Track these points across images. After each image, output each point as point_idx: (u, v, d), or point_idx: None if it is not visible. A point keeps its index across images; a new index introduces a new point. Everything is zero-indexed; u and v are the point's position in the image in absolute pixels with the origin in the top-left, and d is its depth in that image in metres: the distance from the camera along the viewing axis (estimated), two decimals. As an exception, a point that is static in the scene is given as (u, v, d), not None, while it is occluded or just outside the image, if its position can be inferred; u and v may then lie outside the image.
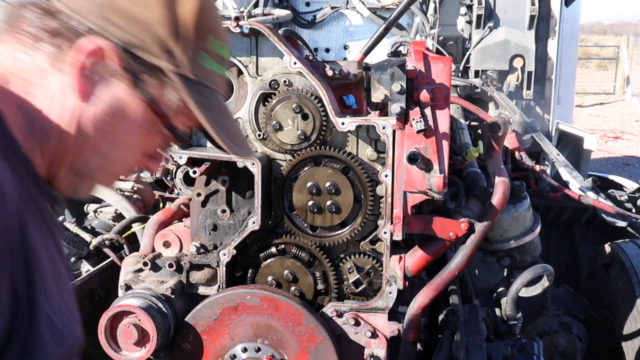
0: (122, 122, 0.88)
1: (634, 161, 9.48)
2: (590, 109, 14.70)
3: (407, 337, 1.73)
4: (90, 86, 0.85)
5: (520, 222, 2.05)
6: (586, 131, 3.56)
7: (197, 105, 0.88)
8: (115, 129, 0.88)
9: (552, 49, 3.38)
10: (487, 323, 2.03)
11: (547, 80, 3.40)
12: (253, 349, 1.74)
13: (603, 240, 2.93)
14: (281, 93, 1.70)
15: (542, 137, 3.04)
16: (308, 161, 1.72)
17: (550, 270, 1.99)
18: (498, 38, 3.22)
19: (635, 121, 12.92)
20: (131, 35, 0.84)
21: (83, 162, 0.89)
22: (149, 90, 0.87)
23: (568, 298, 2.73)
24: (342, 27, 3.51)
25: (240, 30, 1.65)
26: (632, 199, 3.14)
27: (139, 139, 0.91)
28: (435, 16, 3.20)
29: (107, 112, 0.86)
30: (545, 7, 3.35)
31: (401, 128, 1.64)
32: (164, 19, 0.86)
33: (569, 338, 2.49)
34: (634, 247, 2.66)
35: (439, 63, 1.64)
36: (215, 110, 0.92)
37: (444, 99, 1.63)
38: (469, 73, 3.28)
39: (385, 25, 2.04)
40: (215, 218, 1.80)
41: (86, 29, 0.83)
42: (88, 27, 0.83)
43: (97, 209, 2.51)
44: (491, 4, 3.30)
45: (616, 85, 17.25)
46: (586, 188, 2.90)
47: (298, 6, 3.48)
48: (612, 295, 2.64)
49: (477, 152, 2.00)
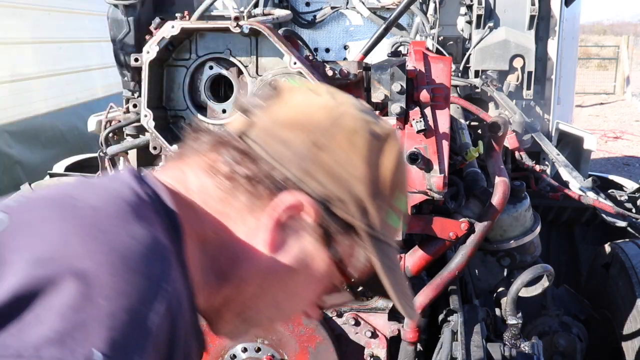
0: (304, 277, 0.84)
1: (634, 161, 9.48)
2: (590, 109, 14.70)
3: (407, 337, 1.73)
4: (281, 239, 0.81)
5: (520, 222, 2.05)
6: (586, 131, 3.56)
7: (383, 267, 0.83)
8: (296, 283, 0.84)
9: (552, 49, 3.38)
10: (487, 323, 2.03)
11: (547, 80, 3.40)
12: (253, 349, 1.74)
13: (603, 240, 2.93)
14: (281, 93, 1.70)
15: (542, 137, 3.04)
16: (308, 161, 1.72)
17: (550, 270, 1.99)
18: (498, 38, 3.22)
19: (635, 121, 12.92)
20: (331, 192, 0.80)
21: (255, 311, 0.85)
22: (339, 248, 0.82)
23: (568, 298, 2.72)
24: (342, 27, 3.50)
25: (240, 30, 1.65)
26: (632, 199, 3.14)
27: (314, 292, 0.88)
28: (435, 16, 3.20)
29: (293, 267, 0.82)
30: (545, 7, 3.35)
31: (401, 128, 1.64)
32: (365, 176, 0.81)
33: (569, 338, 2.48)
34: (634, 247, 2.66)
35: (439, 63, 1.64)
36: (396, 271, 0.87)
37: (444, 99, 1.63)
38: (469, 73, 3.28)
39: (385, 25, 2.04)
40: (215, 218, 1.80)
41: (286, 180, 0.79)
42: (288, 179, 0.79)
43: (97, 209, 2.50)
44: (491, 4, 3.30)
45: (616, 85, 17.24)
46: (586, 188, 2.90)
47: (298, 6, 3.48)
48: (612, 295, 2.64)
49: (477, 152, 2.00)
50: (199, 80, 1.78)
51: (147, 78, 1.71)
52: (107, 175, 0.84)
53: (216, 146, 0.82)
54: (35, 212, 0.69)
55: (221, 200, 0.80)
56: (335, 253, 0.82)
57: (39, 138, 5.58)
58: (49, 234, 0.65)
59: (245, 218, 0.80)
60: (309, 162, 0.79)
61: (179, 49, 1.77)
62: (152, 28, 1.90)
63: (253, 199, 0.79)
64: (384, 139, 0.84)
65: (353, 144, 0.81)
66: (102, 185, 0.76)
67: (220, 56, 1.76)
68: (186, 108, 1.79)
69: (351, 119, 0.83)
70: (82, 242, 0.64)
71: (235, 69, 1.75)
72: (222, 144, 0.81)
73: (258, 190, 0.79)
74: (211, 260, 0.80)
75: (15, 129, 5.28)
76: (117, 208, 0.69)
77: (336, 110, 0.83)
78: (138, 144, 2.34)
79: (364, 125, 0.83)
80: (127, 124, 2.39)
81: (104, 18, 2.33)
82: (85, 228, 0.65)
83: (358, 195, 0.81)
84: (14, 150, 5.22)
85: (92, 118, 3.40)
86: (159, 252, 0.67)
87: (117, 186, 0.74)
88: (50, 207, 0.69)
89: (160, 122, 1.75)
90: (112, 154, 2.40)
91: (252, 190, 0.79)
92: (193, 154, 0.84)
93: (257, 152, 0.80)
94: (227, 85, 1.81)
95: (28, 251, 0.63)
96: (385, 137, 0.84)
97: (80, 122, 5.45)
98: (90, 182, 0.78)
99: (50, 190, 0.76)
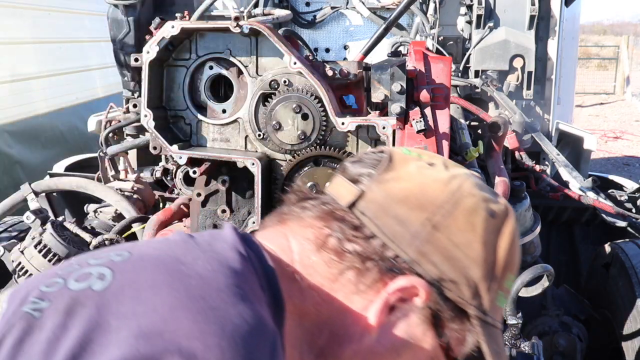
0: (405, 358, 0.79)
1: (634, 161, 9.47)
2: (590, 109, 14.70)
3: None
4: (389, 322, 0.76)
5: (520, 222, 2.05)
6: (586, 131, 3.56)
7: (492, 354, 0.79)
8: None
9: (552, 49, 3.38)
10: (487, 323, 2.03)
11: (547, 80, 3.40)
12: None
13: (603, 240, 2.93)
14: (281, 93, 1.70)
15: (542, 137, 3.04)
16: (308, 161, 1.72)
17: (550, 270, 1.99)
18: (498, 38, 3.22)
19: (635, 121, 12.91)
20: (445, 274, 0.75)
21: None
22: (447, 332, 0.78)
23: (568, 298, 2.72)
24: (342, 27, 3.50)
25: (240, 30, 1.65)
26: (632, 199, 3.14)
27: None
28: (435, 16, 3.19)
29: (396, 349, 0.77)
30: (545, 7, 3.34)
31: (401, 128, 1.64)
32: (481, 258, 0.77)
33: (569, 338, 2.48)
34: (634, 247, 2.66)
35: (439, 63, 1.64)
36: (502, 356, 0.82)
37: (444, 99, 1.63)
38: (469, 73, 3.28)
39: (385, 25, 2.04)
40: (215, 218, 1.80)
41: (400, 261, 0.75)
42: (402, 259, 0.75)
43: (97, 209, 2.51)
44: (491, 4, 3.30)
45: (616, 85, 17.24)
46: (586, 188, 2.90)
47: (298, 6, 3.48)
48: (612, 295, 2.64)
49: (477, 152, 2.00)
50: (199, 80, 1.78)
51: (147, 78, 1.71)
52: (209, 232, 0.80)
53: (325, 217, 0.78)
54: (142, 274, 0.64)
55: (326, 275, 0.76)
56: (443, 337, 0.78)
57: (39, 138, 5.58)
58: (156, 303, 0.60)
59: (350, 297, 0.76)
60: (424, 243, 0.75)
61: (179, 49, 1.77)
62: (152, 28, 1.90)
63: (361, 277, 0.75)
64: (501, 218, 0.80)
65: (471, 225, 0.77)
66: (208, 246, 0.70)
67: (220, 56, 1.76)
68: (186, 108, 1.79)
69: (469, 196, 0.78)
70: (191, 318, 0.59)
71: (235, 69, 1.76)
72: (331, 216, 0.77)
73: (368, 268, 0.75)
74: (309, 336, 0.76)
75: (15, 129, 5.27)
76: (225, 280, 0.64)
77: (453, 185, 0.79)
78: (138, 144, 2.35)
79: (482, 204, 0.79)
80: (127, 124, 2.39)
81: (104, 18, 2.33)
82: (194, 301, 0.60)
83: (472, 278, 0.76)
84: (14, 150, 5.22)
85: (92, 118, 3.40)
86: (267, 338, 0.63)
87: (223, 249, 0.70)
88: (157, 271, 0.64)
89: (160, 122, 1.75)
90: (112, 154, 2.40)
91: (362, 268, 0.75)
92: (297, 220, 0.80)
93: (370, 230, 0.75)
94: (227, 85, 1.81)
95: (134, 321, 0.58)
96: (502, 215, 0.80)
97: (80, 122, 5.45)
98: (194, 240, 0.72)
99: (156, 247, 0.71)
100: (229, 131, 1.78)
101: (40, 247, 1.95)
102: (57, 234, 1.97)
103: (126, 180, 2.49)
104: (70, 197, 2.93)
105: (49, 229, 1.99)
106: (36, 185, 2.31)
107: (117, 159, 2.62)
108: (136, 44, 2.18)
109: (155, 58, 1.70)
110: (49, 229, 1.99)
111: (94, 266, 0.65)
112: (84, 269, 0.65)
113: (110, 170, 2.50)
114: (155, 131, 1.71)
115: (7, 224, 2.76)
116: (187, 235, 0.73)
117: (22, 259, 1.97)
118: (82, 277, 0.63)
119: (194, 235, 0.73)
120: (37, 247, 1.96)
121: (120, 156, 2.57)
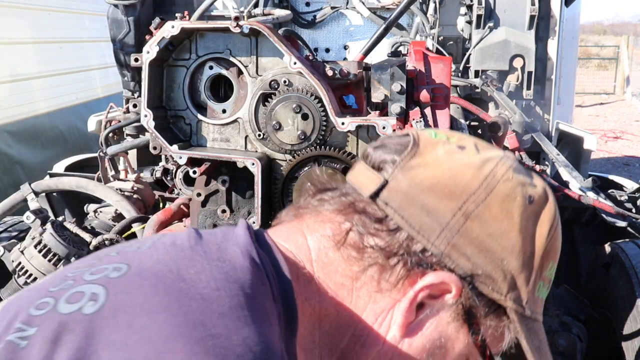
0: (436, 359, 0.72)
1: (634, 161, 9.47)
2: (590, 109, 14.70)
3: (407, 337, 1.73)
4: (417, 321, 0.70)
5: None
6: (586, 131, 3.56)
7: (531, 349, 0.72)
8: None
9: (552, 49, 3.38)
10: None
11: (547, 80, 3.40)
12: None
13: (603, 240, 2.93)
14: (281, 93, 1.70)
15: (542, 137, 3.04)
16: (308, 161, 1.72)
17: (550, 270, 1.99)
18: (498, 38, 3.22)
19: (635, 121, 12.91)
20: (479, 268, 0.68)
21: None
22: (482, 329, 0.71)
23: (568, 298, 2.73)
24: (342, 27, 3.50)
25: (240, 30, 1.65)
26: (632, 199, 3.14)
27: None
28: (435, 16, 3.19)
29: (426, 350, 0.71)
30: (545, 7, 3.34)
31: (401, 128, 1.64)
32: (519, 248, 0.70)
33: (569, 338, 2.48)
34: (634, 247, 2.66)
35: (439, 63, 1.64)
36: (544, 351, 0.76)
37: (444, 99, 1.63)
38: (469, 73, 3.28)
39: (385, 25, 2.04)
40: (215, 218, 1.80)
41: (428, 255, 0.68)
42: (431, 253, 0.68)
43: (97, 209, 2.51)
44: (491, 4, 3.30)
45: (616, 85, 17.24)
46: (586, 188, 2.90)
47: (298, 6, 3.48)
48: (612, 295, 2.64)
49: (477, 152, 2.00)
50: (199, 80, 1.79)
51: (147, 78, 1.71)
52: (222, 230, 0.71)
53: (345, 210, 0.71)
54: (138, 294, 0.58)
55: (347, 274, 0.70)
56: (478, 334, 0.71)
57: (39, 138, 5.58)
58: (151, 333, 0.54)
59: (374, 296, 0.69)
60: (455, 234, 0.68)
61: (179, 49, 1.77)
62: (152, 28, 1.90)
63: (385, 274, 0.69)
64: (539, 203, 0.73)
65: (507, 212, 0.69)
66: (216, 253, 0.64)
67: (220, 56, 1.76)
68: (186, 108, 1.79)
69: (504, 181, 0.71)
70: (188, 350, 0.53)
71: (235, 69, 1.76)
72: (352, 208, 0.71)
73: (392, 264, 0.68)
74: (330, 338, 0.70)
75: (15, 129, 5.28)
76: (230, 301, 0.58)
77: (486, 169, 0.71)
78: (138, 144, 2.34)
79: (518, 189, 0.71)
80: (127, 124, 2.39)
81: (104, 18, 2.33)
82: (193, 329, 0.54)
83: (509, 270, 0.69)
84: (14, 150, 5.22)
85: (92, 118, 3.40)
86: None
87: (234, 255, 0.64)
88: (155, 292, 0.58)
89: (160, 122, 1.75)
90: (112, 154, 2.40)
91: (385, 264, 0.69)
92: (314, 214, 0.73)
93: (396, 222, 0.69)
94: (227, 85, 1.81)
95: (125, 354, 0.53)
96: (540, 200, 0.73)
97: (80, 122, 5.45)
98: (202, 245, 0.65)
99: (158, 259, 0.63)
100: (229, 131, 1.78)
101: (40, 247, 1.95)
102: (57, 234, 1.98)
103: (126, 180, 2.49)
104: (70, 197, 2.93)
105: (49, 229, 1.99)
106: (36, 185, 2.31)
107: (117, 159, 2.62)
108: (136, 44, 2.18)
109: (155, 58, 1.70)
110: (49, 229, 1.99)
111: (89, 283, 0.60)
112: (78, 287, 0.60)
113: (110, 170, 2.50)
114: (155, 131, 1.71)
115: (7, 224, 2.76)
116: (195, 237, 0.67)
117: (22, 259, 1.97)
118: (74, 297, 0.59)
119: (204, 235, 0.68)
120: (37, 247, 1.96)
121: (120, 156, 2.57)
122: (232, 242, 0.66)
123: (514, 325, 0.71)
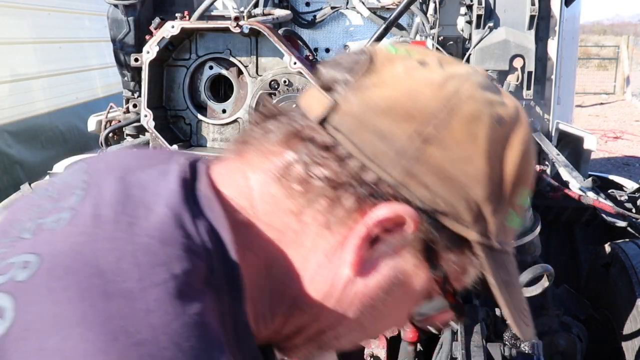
0: (395, 297, 0.66)
1: (634, 161, 9.48)
2: (590, 109, 14.70)
3: (407, 337, 1.73)
4: (372, 259, 0.63)
5: (520, 222, 2.05)
6: (586, 131, 3.56)
7: (498, 283, 0.65)
8: (386, 305, 0.66)
9: (552, 49, 3.38)
10: (487, 323, 2.03)
11: (547, 80, 3.40)
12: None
13: (603, 240, 2.93)
14: (281, 93, 1.70)
15: (542, 137, 3.04)
16: (308, 161, 1.72)
17: (550, 270, 1.99)
18: (498, 38, 3.22)
19: (635, 121, 12.92)
20: (440, 198, 0.61)
21: (335, 337, 0.68)
22: (444, 264, 0.65)
23: (568, 298, 2.73)
24: (342, 27, 3.50)
25: (240, 30, 1.65)
26: (632, 199, 3.14)
27: (406, 311, 0.71)
28: (435, 16, 3.20)
29: (383, 288, 0.64)
30: (545, 7, 3.35)
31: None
32: (485, 175, 0.62)
33: (569, 338, 2.48)
34: (634, 247, 2.66)
35: (439, 63, 1.64)
36: (513, 285, 0.69)
37: (444, 99, 1.63)
38: (469, 73, 3.28)
39: (385, 25, 2.04)
40: (215, 218, 1.80)
41: (382, 184, 0.60)
42: (385, 182, 0.60)
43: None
44: (491, 4, 3.30)
45: (616, 85, 17.25)
46: (586, 188, 2.90)
47: (298, 6, 3.48)
48: (612, 295, 2.64)
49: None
50: (199, 80, 1.79)
51: (147, 78, 1.71)
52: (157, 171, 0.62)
53: (290, 139, 0.63)
54: (49, 304, 0.48)
55: (292, 211, 0.62)
56: (439, 271, 0.65)
57: (38, 138, 5.58)
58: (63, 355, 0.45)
59: (322, 232, 0.62)
60: (413, 161, 0.60)
61: (179, 49, 1.77)
62: (152, 28, 1.90)
63: (334, 207, 0.61)
64: (509, 125, 0.65)
65: (472, 135, 0.62)
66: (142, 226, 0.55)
67: (220, 56, 1.76)
68: (186, 108, 1.79)
69: (470, 100, 0.63)
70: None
71: (235, 69, 1.76)
72: (297, 136, 0.63)
73: (341, 196, 0.61)
74: (280, 285, 0.64)
75: (15, 129, 5.28)
76: (157, 293, 0.50)
77: (449, 87, 0.63)
78: (138, 144, 2.35)
79: (486, 109, 0.63)
80: (127, 124, 2.39)
81: (104, 18, 2.33)
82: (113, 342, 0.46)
83: (474, 199, 0.62)
84: (14, 150, 5.22)
85: (92, 118, 3.40)
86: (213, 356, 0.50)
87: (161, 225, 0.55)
88: (68, 296, 0.48)
89: (160, 122, 1.75)
90: (112, 154, 2.40)
91: (333, 196, 0.61)
92: (258, 149, 0.65)
93: (346, 149, 0.61)
94: (227, 85, 1.81)
95: None
96: (511, 121, 0.65)
97: (80, 122, 5.45)
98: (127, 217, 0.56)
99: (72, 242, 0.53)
100: (229, 131, 1.78)
101: (40, 247, 1.95)
102: (57, 234, 1.97)
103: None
104: (70, 197, 2.93)
105: (49, 229, 1.99)
106: (36, 186, 2.31)
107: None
108: (136, 44, 2.18)
109: (155, 58, 1.70)
110: (49, 229, 1.99)
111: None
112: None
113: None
114: (155, 131, 1.71)
115: (7, 224, 2.76)
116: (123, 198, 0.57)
117: (22, 259, 1.97)
118: None
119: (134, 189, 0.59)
120: (37, 247, 1.96)
121: (120, 156, 2.57)
122: (162, 200, 0.58)
123: (478, 258, 0.65)
